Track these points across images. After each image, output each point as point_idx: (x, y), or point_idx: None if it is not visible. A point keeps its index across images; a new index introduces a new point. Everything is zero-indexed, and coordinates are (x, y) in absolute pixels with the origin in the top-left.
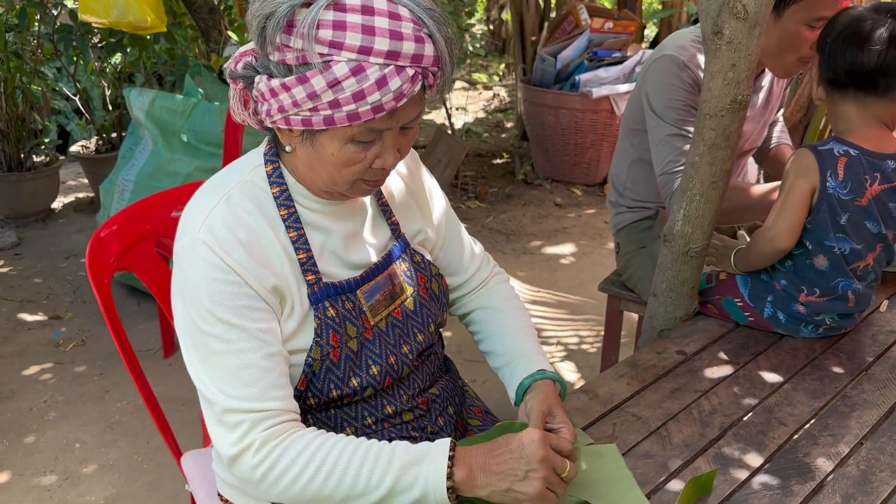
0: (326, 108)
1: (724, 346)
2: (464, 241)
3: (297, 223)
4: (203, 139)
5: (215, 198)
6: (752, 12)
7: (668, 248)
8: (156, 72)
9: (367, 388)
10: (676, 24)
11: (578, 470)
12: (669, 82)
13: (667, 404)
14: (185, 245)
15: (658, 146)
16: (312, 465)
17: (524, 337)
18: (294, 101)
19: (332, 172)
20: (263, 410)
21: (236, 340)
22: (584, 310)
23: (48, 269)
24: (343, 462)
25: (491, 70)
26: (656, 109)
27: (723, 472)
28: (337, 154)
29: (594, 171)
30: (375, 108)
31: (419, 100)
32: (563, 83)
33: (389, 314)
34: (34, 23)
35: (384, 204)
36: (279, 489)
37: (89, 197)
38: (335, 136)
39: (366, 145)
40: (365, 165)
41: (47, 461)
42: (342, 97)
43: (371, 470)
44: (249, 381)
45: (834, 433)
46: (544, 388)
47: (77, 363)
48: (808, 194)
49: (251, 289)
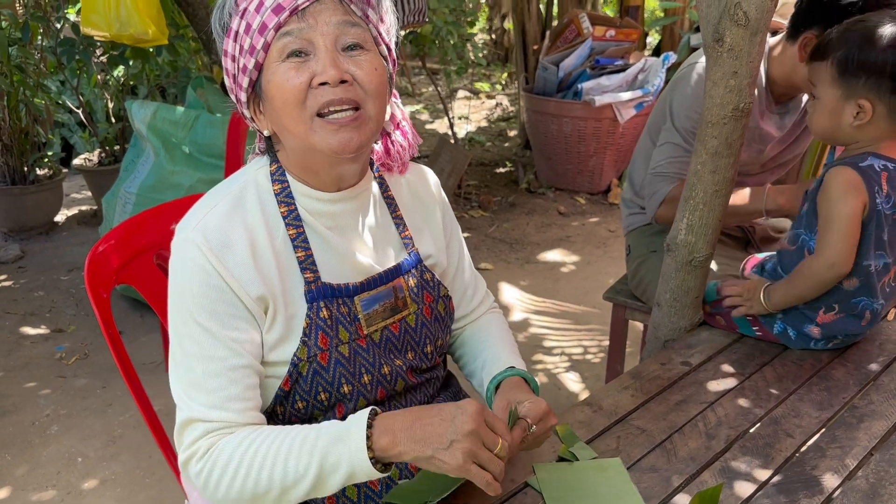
0: (245, 38)
1: (730, 357)
2: (467, 277)
3: (297, 220)
4: (205, 151)
5: (216, 199)
6: (754, 19)
7: (671, 258)
8: (158, 84)
9: (359, 398)
10: (679, 31)
11: (584, 484)
12: (695, 93)
13: (672, 417)
14: (178, 242)
15: (662, 146)
16: (244, 464)
17: (500, 346)
18: (232, 55)
19: (289, 113)
20: (218, 420)
21: (207, 346)
22: (588, 319)
23: (51, 283)
24: (271, 455)
25: (493, 79)
26: (674, 114)
27: (729, 486)
28: (275, 78)
29: (597, 179)
30: (276, 9)
31: (340, 9)
32: (565, 91)
33: (386, 327)
34: (37, 36)
35: (398, 216)
36: (221, 493)
37: (92, 209)
38: (268, 69)
39: (299, 62)
40: (303, 80)
41: (49, 476)
42: (249, 17)
43: (297, 458)
44: (211, 388)
45: (842, 445)
46: (507, 384)
47: (79, 376)
48: (860, 212)
49: (234, 295)
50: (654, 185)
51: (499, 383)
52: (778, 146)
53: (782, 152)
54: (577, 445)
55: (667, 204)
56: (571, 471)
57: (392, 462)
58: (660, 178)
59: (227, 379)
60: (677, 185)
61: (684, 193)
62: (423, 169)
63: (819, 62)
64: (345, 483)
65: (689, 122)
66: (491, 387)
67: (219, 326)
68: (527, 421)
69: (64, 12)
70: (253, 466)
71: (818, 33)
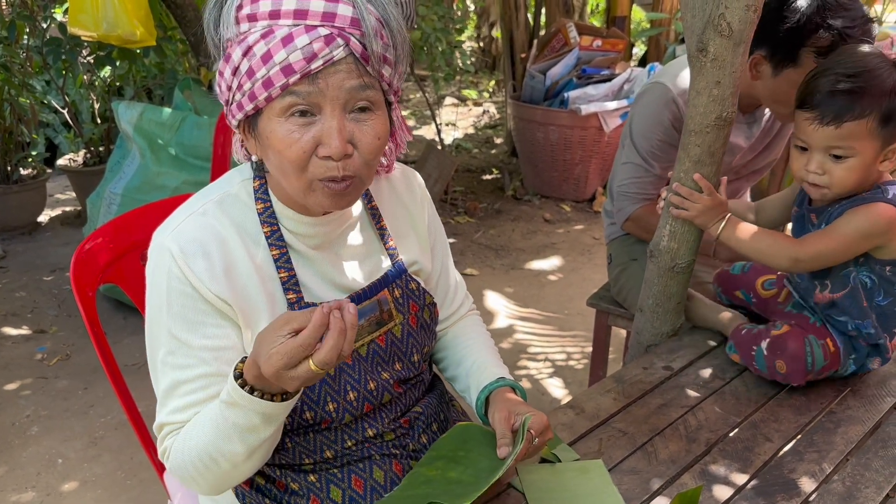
0: (246, 81)
1: (711, 362)
2: (450, 279)
3: (280, 241)
4: (191, 153)
5: (195, 206)
6: (737, 30)
7: (654, 264)
8: (145, 85)
9: (345, 415)
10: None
11: (566, 485)
12: (651, 115)
13: (653, 420)
14: (153, 248)
15: (625, 165)
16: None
17: (485, 354)
18: (228, 85)
19: (281, 163)
20: (180, 422)
21: (178, 355)
22: (571, 325)
23: (33, 283)
24: (203, 444)
25: (481, 86)
26: (633, 134)
27: (708, 488)
28: (275, 134)
29: (583, 187)
30: (285, 69)
31: (354, 72)
32: (552, 100)
33: (373, 340)
34: (23, 35)
35: (382, 227)
36: (194, 485)
37: (76, 210)
38: (269, 115)
39: (303, 123)
40: (306, 148)
41: (29, 477)
42: (254, 62)
43: (221, 437)
44: (179, 394)
45: (819, 449)
46: (500, 395)
47: (61, 377)
48: (864, 251)
49: (207, 303)
50: (620, 201)
51: (489, 393)
52: (748, 154)
53: (754, 159)
54: (559, 447)
55: (631, 222)
56: (554, 472)
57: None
58: (623, 197)
59: (194, 385)
60: (642, 207)
61: (668, 201)
62: (408, 170)
63: (836, 121)
64: (274, 423)
65: (645, 142)
66: (482, 396)
67: (190, 335)
68: (531, 433)
69: (51, 12)
70: (197, 460)
71: (765, 54)
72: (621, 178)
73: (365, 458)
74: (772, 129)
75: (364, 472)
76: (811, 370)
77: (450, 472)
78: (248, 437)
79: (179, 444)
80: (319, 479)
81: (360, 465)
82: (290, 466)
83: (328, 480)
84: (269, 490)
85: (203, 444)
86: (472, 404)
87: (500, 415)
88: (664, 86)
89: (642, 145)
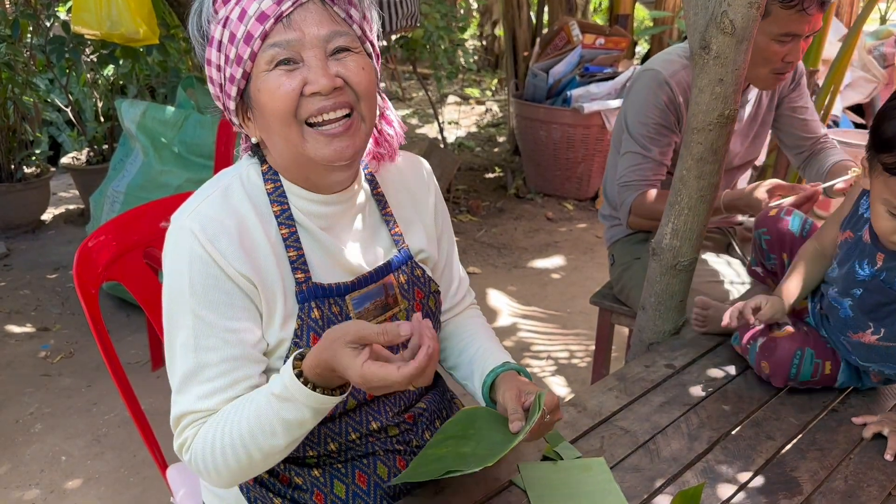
0: (230, 48)
1: (713, 360)
2: (454, 271)
3: (289, 220)
4: (194, 151)
5: (210, 189)
6: (740, 27)
7: (656, 262)
8: (148, 84)
9: (349, 399)
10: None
11: (568, 483)
12: (645, 99)
13: (655, 418)
14: (173, 230)
15: (624, 156)
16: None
17: (488, 343)
18: (217, 64)
19: (280, 121)
20: (204, 410)
21: (202, 337)
22: (574, 324)
23: (37, 281)
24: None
25: (483, 85)
26: (629, 123)
27: (710, 486)
28: (265, 87)
29: (585, 185)
30: (259, 17)
31: (325, 15)
32: (554, 98)
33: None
34: (27, 34)
35: (388, 213)
36: (213, 479)
37: (80, 208)
38: (257, 75)
39: (287, 70)
40: (294, 89)
41: (32, 474)
42: (233, 26)
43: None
44: (202, 379)
45: (822, 447)
46: (508, 377)
47: (64, 375)
48: None
49: (231, 282)
50: (622, 195)
51: (495, 377)
52: (737, 139)
53: (747, 150)
54: (561, 445)
55: (634, 212)
56: (556, 470)
57: (337, 381)
58: (625, 188)
59: (217, 370)
60: (642, 193)
61: (670, 198)
62: (415, 158)
63: None
64: (321, 416)
65: (642, 127)
66: (488, 380)
67: (214, 316)
68: (545, 410)
69: (54, 10)
70: (229, 454)
71: None
72: (620, 171)
73: (369, 454)
74: (757, 115)
75: (368, 467)
76: (793, 379)
77: (462, 448)
78: (295, 431)
79: (205, 436)
80: (323, 473)
81: (364, 461)
82: (294, 461)
83: (332, 475)
84: (273, 485)
85: (237, 439)
86: (475, 392)
87: (510, 393)
88: (655, 70)
89: (639, 130)
